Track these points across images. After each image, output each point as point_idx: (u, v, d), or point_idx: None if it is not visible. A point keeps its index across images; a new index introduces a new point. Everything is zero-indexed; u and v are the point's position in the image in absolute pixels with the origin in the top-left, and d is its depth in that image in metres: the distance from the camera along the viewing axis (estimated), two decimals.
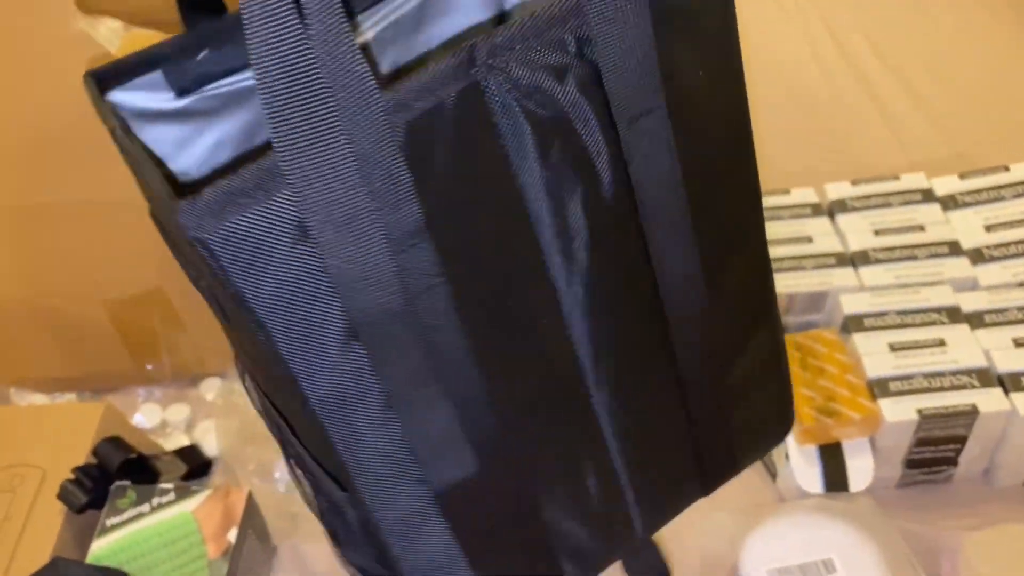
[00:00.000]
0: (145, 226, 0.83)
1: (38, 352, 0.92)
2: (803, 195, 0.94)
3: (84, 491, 0.74)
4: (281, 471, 0.84)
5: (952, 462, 0.80)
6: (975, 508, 0.80)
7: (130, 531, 0.73)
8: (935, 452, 0.79)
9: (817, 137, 1.16)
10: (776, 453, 0.82)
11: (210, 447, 0.89)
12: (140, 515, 0.74)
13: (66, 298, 0.87)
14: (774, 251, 0.88)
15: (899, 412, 0.76)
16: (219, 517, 0.73)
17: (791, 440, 0.79)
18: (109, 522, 0.74)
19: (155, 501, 0.75)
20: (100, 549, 0.72)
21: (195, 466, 0.85)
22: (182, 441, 0.91)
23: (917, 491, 0.83)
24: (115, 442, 0.76)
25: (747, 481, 0.82)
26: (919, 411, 0.76)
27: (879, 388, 0.77)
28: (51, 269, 0.85)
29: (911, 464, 0.80)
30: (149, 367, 0.94)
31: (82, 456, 0.78)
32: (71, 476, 0.75)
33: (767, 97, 1.22)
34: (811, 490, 0.78)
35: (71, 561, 0.70)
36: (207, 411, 0.93)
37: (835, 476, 0.78)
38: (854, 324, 0.82)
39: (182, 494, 0.75)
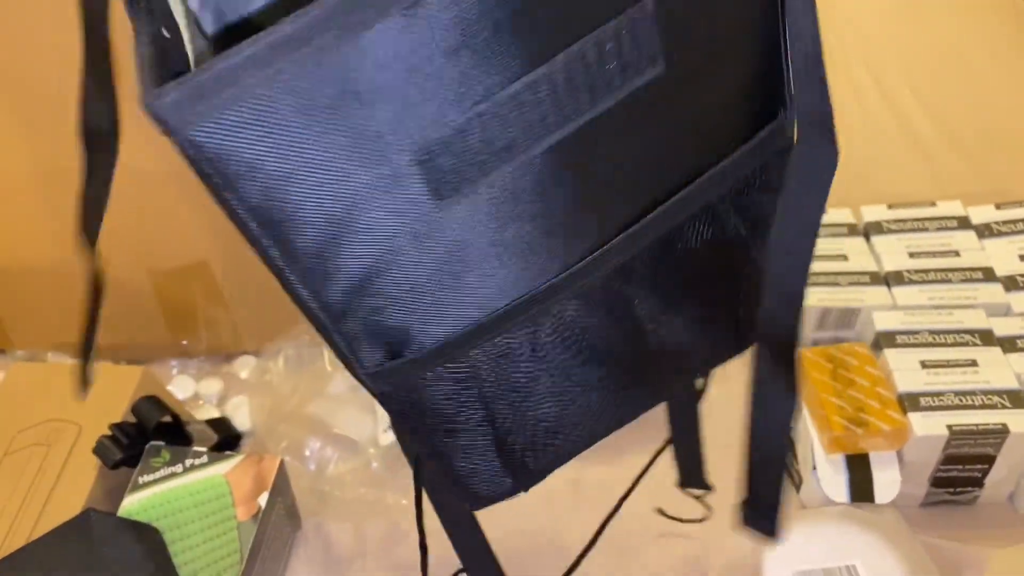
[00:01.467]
0: (195, 197, 0.85)
1: (77, 318, 0.93)
2: (839, 215, 0.95)
3: (119, 447, 0.75)
4: (312, 450, 0.85)
5: (978, 483, 0.81)
6: (1001, 531, 0.80)
7: (162, 489, 0.74)
8: (962, 471, 0.79)
9: (853, 166, 1.18)
10: (802, 463, 0.82)
11: (241, 422, 0.90)
12: (173, 474, 0.75)
13: (110, 264, 0.89)
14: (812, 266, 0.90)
15: (929, 426, 0.76)
16: (250, 482, 0.74)
17: (818, 449, 0.79)
18: (142, 479, 0.75)
19: (188, 462, 0.76)
20: (131, 504, 0.73)
21: (225, 438, 0.86)
22: (213, 414, 0.92)
23: (942, 511, 0.83)
24: (153, 401, 0.77)
25: None
26: (949, 427, 0.76)
27: (909, 402, 0.78)
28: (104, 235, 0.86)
29: (937, 482, 0.80)
30: (185, 341, 0.96)
31: (119, 415, 0.79)
32: (108, 433, 0.76)
33: None
34: (837, 499, 0.78)
35: (102, 513, 0.71)
36: (240, 388, 0.94)
37: (861, 487, 0.78)
38: (886, 340, 0.83)
39: (215, 458, 0.76)
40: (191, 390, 0.93)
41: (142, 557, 0.68)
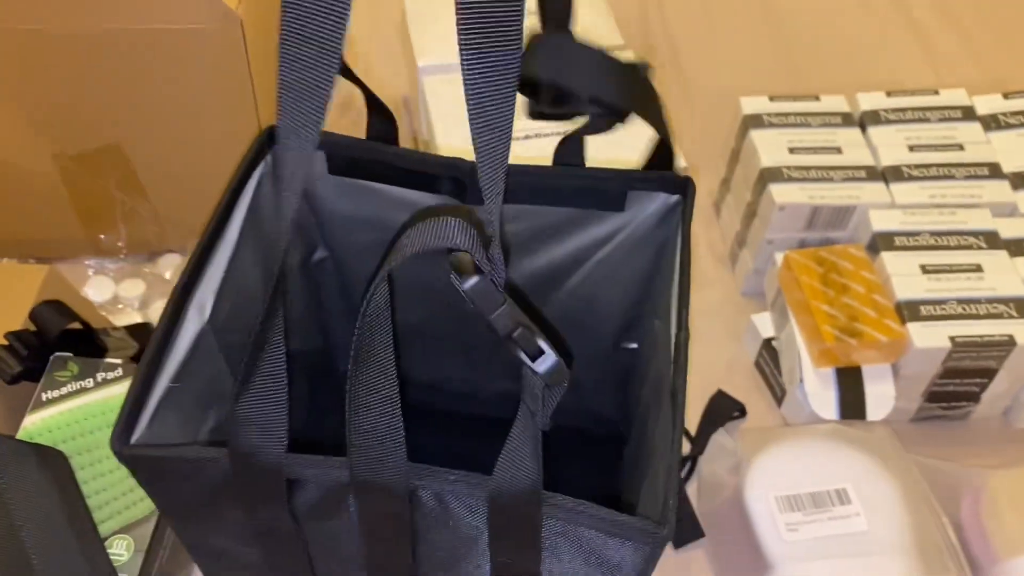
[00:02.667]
0: (108, 67, 0.74)
1: None
2: (833, 103, 0.86)
3: (17, 359, 0.65)
4: None
5: (975, 398, 0.75)
6: (995, 447, 0.75)
7: (69, 407, 0.64)
8: (959, 385, 0.73)
9: (846, 48, 1.08)
10: (787, 376, 0.75)
11: None
12: (82, 390, 0.65)
13: (9, 148, 0.77)
14: (802, 159, 0.81)
15: (930, 338, 0.69)
16: None
17: (806, 361, 0.72)
18: (46, 396, 0.65)
19: (100, 376, 0.66)
20: (33, 425, 0.64)
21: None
22: (135, 319, 0.82)
23: (933, 427, 0.77)
24: (56, 306, 0.67)
25: (749, 404, 0.76)
26: (951, 338, 0.69)
27: (909, 311, 0.71)
28: None
29: (931, 397, 0.74)
30: (102, 237, 0.85)
31: (17, 322, 0.69)
32: (2, 342, 0.66)
33: (800, 7, 1.14)
34: (824, 416, 0.71)
35: None
36: (164, 290, 0.84)
37: (852, 403, 0.71)
38: (884, 242, 0.75)
39: (132, 371, 0.66)
40: (109, 292, 0.83)
41: (45, 485, 0.59)
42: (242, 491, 0.42)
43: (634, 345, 0.63)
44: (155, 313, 0.82)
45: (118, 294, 0.83)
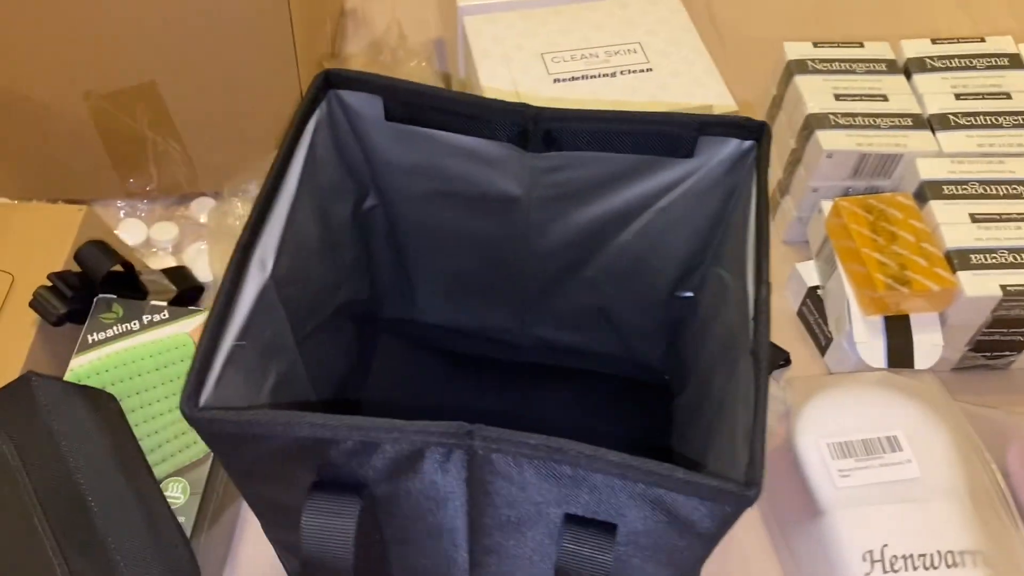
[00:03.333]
0: (141, 2, 0.71)
1: (2, 150, 0.80)
2: (877, 49, 0.85)
3: (62, 300, 0.64)
4: None
5: (1019, 347, 0.74)
6: None
7: (116, 349, 0.64)
8: (1005, 335, 0.73)
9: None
10: (834, 324, 0.75)
11: (201, 273, 0.79)
12: (128, 332, 0.65)
13: (39, 85, 0.75)
14: (848, 106, 0.80)
15: (980, 286, 0.69)
16: None
17: (855, 309, 0.72)
18: (91, 337, 0.64)
19: (146, 318, 0.65)
20: (80, 367, 0.63)
21: (185, 290, 0.75)
22: (168, 263, 0.81)
23: (976, 376, 0.77)
24: (101, 247, 0.66)
25: (792, 353, 0.76)
26: (1002, 287, 0.69)
27: (959, 259, 0.70)
28: (21, 47, 0.72)
29: (977, 346, 0.74)
30: (132, 180, 0.83)
31: (59, 263, 0.68)
32: (47, 283, 0.65)
33: None
34: (873, 364, 0.71)
35: (46, 377, 0.60)
36: (197, 233, 0.83)
37: (900, 351, 0.71)
38: (932, 191, 0.74)
39: (177, 313, 0.65)
40: (142, 235, 0.82)
41: (96, 428, 0.58)
42: (310, 455, 0.42)
43: (689, 293, 0.62)
44: (188, 257, 0.81)
45: (151, 237, 0.82)
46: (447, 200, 0.58)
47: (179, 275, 0.76)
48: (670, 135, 0.51)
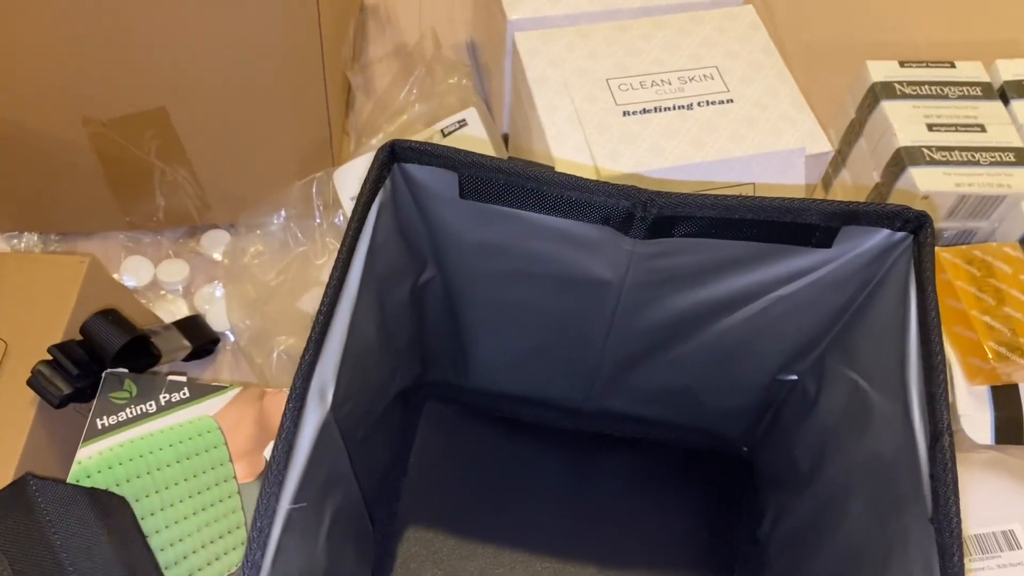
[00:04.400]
0: (149, 22, 0.61)
1: None
2: (971, 71, 0.76)
3: (66, 380, 0.55)
4: None
5: None
6: None
7: (130, 437, 0.55)
8: None
9: (981, 5, 0.97)
10: None
11: (216, 320, 0.70)
12: (143, 415, 0.56)
13: (32, 112, 0.65)
14: (943, 138, 0.71)
15: None
16: (251, 426, 0.56)
17: (959, 378, 0.64)
18: (101, 422, 0.55)
19: (163, 398, 0.56)
20: (89, 459, 0.54)
21: (201, 345, 0.66)
22: (179, 307, 0.72)
23: None
24: (112, 319, 0.57)
25: None
26: None
27: None
28: (15, 71, 0.62)
29: None
30: (136, 211, 0.74)
31: (59, 326, 0.58)
32: (46, 357, 0.56)
33: None
34: (978, 440, 0.64)
35: (46, 480, 0.51)
36: (210, 272, 0.74)
37: (1009, 426, 0.64)
38: None
39: (199, 392, 0.57)
40: (148, 276, 0.72)
41: (106, 542, 0.50)
42: None
43: (793, 377, 0.54)
44: (201, 299, 0.72)
45: (159, 278, 0.73)
46: (524, 279, 0.49)
47: (194, 327, 0.67)
48: (807, 224, 0.43)
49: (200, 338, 0.66)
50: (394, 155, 0.43)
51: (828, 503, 0.47)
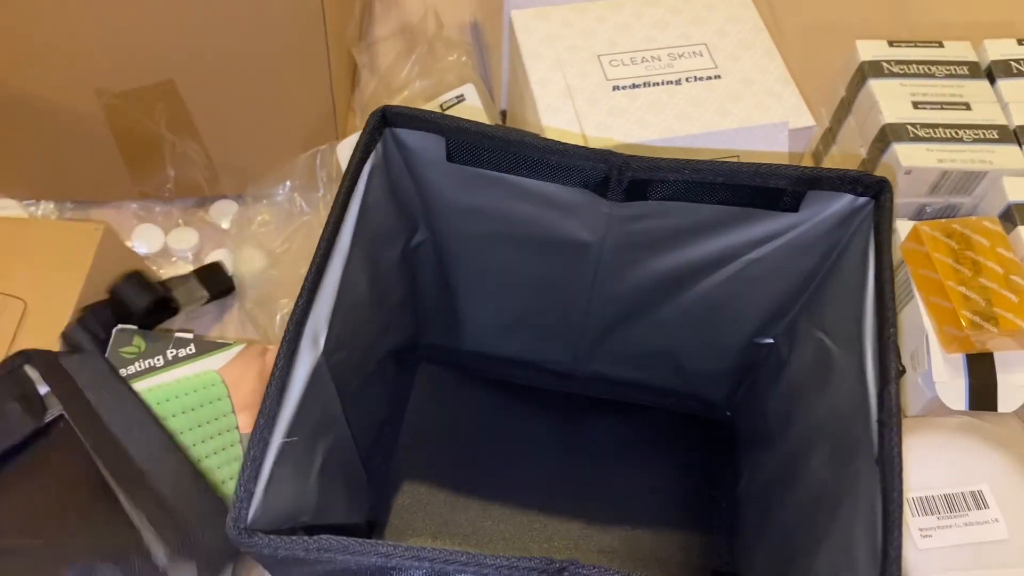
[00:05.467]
0: None
1: (10, 147, 0.73)
2: (959, 50, 0.78)
3: (94, 338, 0.59)
4: None
5: None
6: None
7: (138, 389, 0.58)
8: None
9: None
10: (911, 360, 0.69)
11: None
12: (151, 369, 0.59)
13: (49, 84, 0.68)
14: (928, 115, 0.73)
15: None
16: (253, 380, 0.59)
17: (934, 346, 0.67)
18: None
19: (170, 353, 0.60)
20: None
21: (219, 294, 0.70)
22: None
23: None
24: (140, 281, 0.60)
25: None
26: None
27: None
28: (29, 43, 0.65)
29: None
30: (147, 181, 0.77)
31: (75, 288, 0.62)
32: (63, 316, 0.60)
33: None
34: (952, 406, 0.66)
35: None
36: (218, 240, 0.77)
37: (983, 393, 0.66)
38: (1021, 214, 0.68)
39: (205, 348, 0.60)
40: (159, 243, 0.76)
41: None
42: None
43: (769, 340, 0.57)
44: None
45: (169, 245, 0.76)
46: (508, 242, 0.52)
47: (212, 276, 0.70)
48: (774, 189, 0.45)
49: (218, 286, 0.70)
50: (385, 120, 0.46)
51: (791, 457, 0.49)
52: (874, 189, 0.44)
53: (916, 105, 0.74)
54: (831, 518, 0.42)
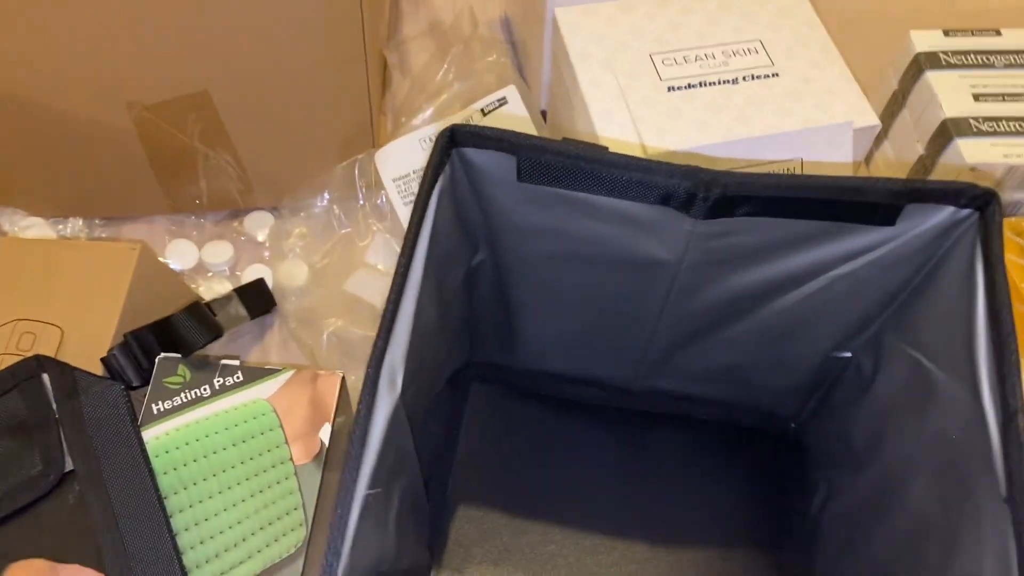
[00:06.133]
0: (189, 4, 0.61)
1: (38, 164, 0.71)
2: (1017, 39, 0.75)
3: (135, 366, 0.56)
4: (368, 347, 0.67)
5: None
6: None
7: (185, 422, 0.56)
8: None
9: None
10: None
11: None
12: (198, 399, 0.56)
13: (77, 99, 0.65)
14: (990, 108, 0.70)
15: None
16: (304, 408, 0.56)
17: None
18: (156, 407, 0.56)
19: (217, 382, 0.57)
20: (147, 444, 0.55)
21: (260, 311, 0.67)
22: (225, 287, 0.72)
23: None
24: (200, 315, 0.58)
25: None
26: None
27: None
28: (57, 58, 0.63)
29: None
30: (180, 195, 0.74)
31: (114, 312, 0.59)
32: (101, 344, 0.57)
33: None
34: None
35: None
36: (256, 253, 0.74)
37: None
38: None
39: (253, 375, 0.57)
40: (194, 258, 0.73)
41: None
42: None
43: (847, 354, 0.54)
44: (248, 278, 0.72)
45: (204, 260, 0.73)
46: (577, 261, 0.49)
47: (254, 295, 0.67)
48: (870, 203, 0.42)
49: (261, 306, 0.67)
50: (453, 140, 0.43)
51: (887, 482, 0.47)
52: (980, 200, 0.41)
53: (977, 98, 0.71)
54: (946, 554, 0.39)
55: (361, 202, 0.71)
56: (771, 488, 0.63)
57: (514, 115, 0.72)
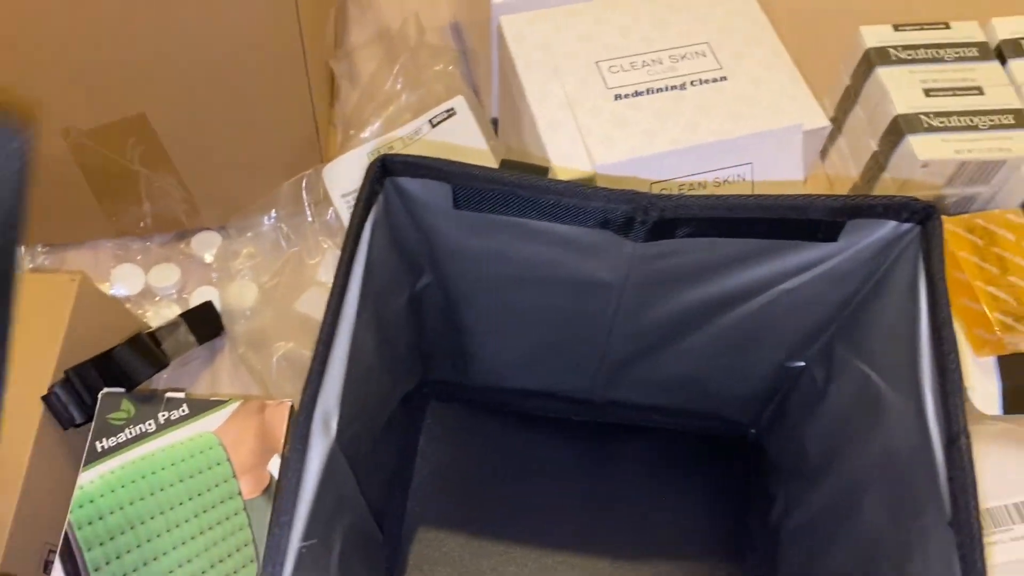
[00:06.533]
0: (123, 23, 0.59)
1: None
2: (967, 31, 0.74)
3: (79, 406, 0.55)
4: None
5: None
6: None
7: (130, 459, 0.54)
8: None
9: None
10: None
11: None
12: (143, 435, 0.55)
13: None
14: (941, 103, 0.70)
15: None
16: (252, 441, 0.55)
17: (966, 351, 0.64)
18: (100, 445, 0.55)
19: (162, 416, 0.56)
20: (91, 483, 0.54)
21: (211, 337, 0.66)
22: (174, 311, 0.71)
23: None
24: (143, 347, 0.56)
25: None
26: None
27: None
28: None
29: None
30: (122, 219, 0.72)
31: (53, 348, 0.57)
32: (42, 379, 0.55)
33: None
34: (987, 411, 0.63)
35: None
36: (203, 275, 0.73)
37: (1017, 396, 0.63)
38: None
39: (199, 408, 0.56)
40: (140, 283, 0.71)
41: None
42: None
43: (800, 363, 0.54)
44: (196, 300, 0.71)
45: (150, 284, 0.71)
46: (521, 283, 0.49)
47: (202, 319, 0.66)
48: (812, 220, 0.42)
49: (209, 331, 0.66)
50: (385, 170, 0.42)
51: (842, 497, 0.46)
52: (921, 215, 0.41)
53: (928, 92, 0.70)
54: (899, 573, 0.39)
55: (310, 219, 0.70)
56: (734, 499, 0.62)
57: (462, 128, 0.71)
